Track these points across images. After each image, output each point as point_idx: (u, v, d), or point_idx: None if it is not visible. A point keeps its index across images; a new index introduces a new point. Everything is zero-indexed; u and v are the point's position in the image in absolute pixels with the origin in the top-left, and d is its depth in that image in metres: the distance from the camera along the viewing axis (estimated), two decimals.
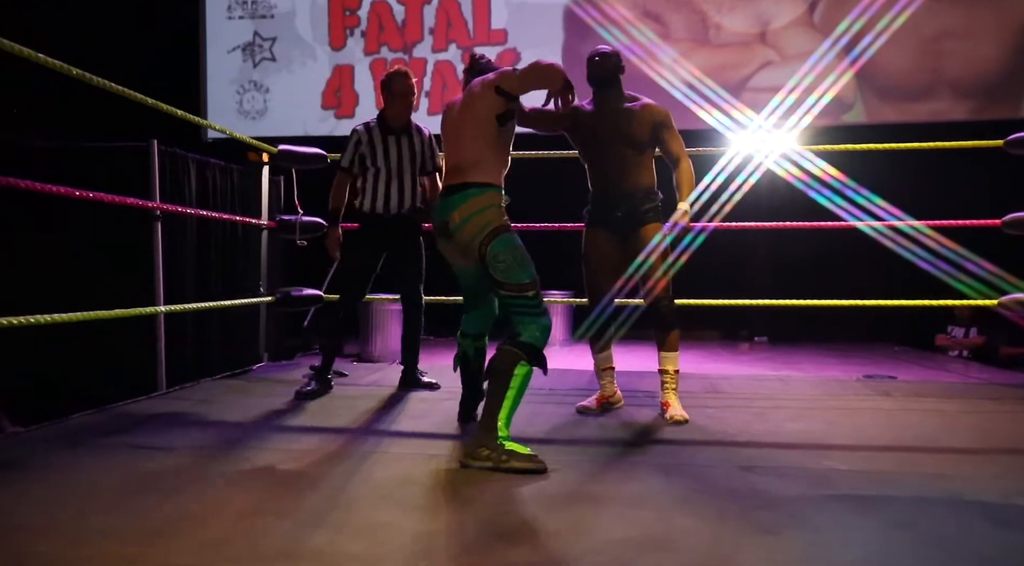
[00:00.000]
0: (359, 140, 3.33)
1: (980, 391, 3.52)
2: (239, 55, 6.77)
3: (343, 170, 3.37)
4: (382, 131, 3.33)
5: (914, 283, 4.48)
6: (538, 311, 2.26)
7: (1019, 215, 3.77)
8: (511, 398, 2.17)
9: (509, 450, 2.11)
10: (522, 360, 2.18)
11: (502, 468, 2.08)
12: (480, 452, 2.12)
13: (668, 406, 2.85)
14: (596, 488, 1.98)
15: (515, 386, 2.18)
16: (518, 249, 2.28)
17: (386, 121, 3.34)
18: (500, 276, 2.26)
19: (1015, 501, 1.87)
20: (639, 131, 2.87)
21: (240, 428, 2.67)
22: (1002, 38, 5.91)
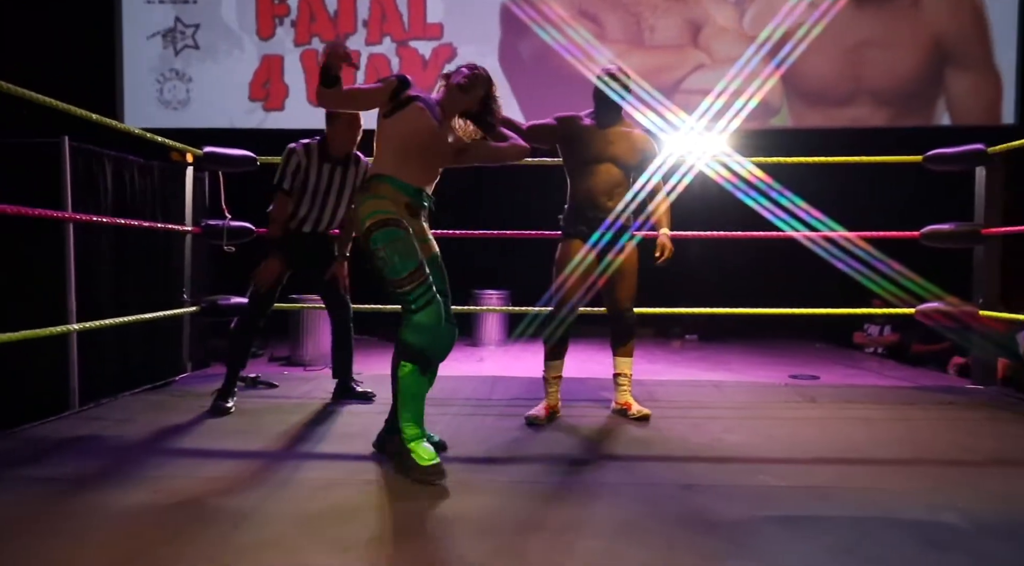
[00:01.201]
0: (298, 164, 3.17)
1: (900, 396, 3.68)
2: (159, 42, 6.40)
3: (285, 192, 3.17)
4: (320, 158, 3.20)
5: (835, 284, 4.67)
6: (412, 308, 2.24)
7: (937, 227, 3.96)
8: (403, 401, 2.23)
9: (411, 456, 2.18)
10: (404, 359, 2.22)
11: (400, 467, 2.22)
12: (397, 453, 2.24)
13: (630, 406, 3.04)
14: (540, 515, 1.95)
15: (402, 389, 2.23)
16: (398, 242, 2.24)
17: (327, 149, 3.21)
18: (383, 271, 2.26)
19: (943, 517, 1.94)
20: (632, 155, 3.04)
21: (156, 452, 2.53)
22: (918, 49, 6.20)
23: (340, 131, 3.18)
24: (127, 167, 3.70)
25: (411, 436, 2.21)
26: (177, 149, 3.91)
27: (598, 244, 3.00)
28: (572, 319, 3.05)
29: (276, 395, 3.55)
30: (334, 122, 3.19)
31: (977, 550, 1.74)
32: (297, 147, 3.20)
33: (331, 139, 3.21)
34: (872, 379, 4.57)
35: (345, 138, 3.20)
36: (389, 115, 2.39)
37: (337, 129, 3.18)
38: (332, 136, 3.20)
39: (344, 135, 3.19)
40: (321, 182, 3.21)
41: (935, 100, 6.22)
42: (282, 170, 3.18)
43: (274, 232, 3.18)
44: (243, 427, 2.87)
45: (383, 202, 2.29)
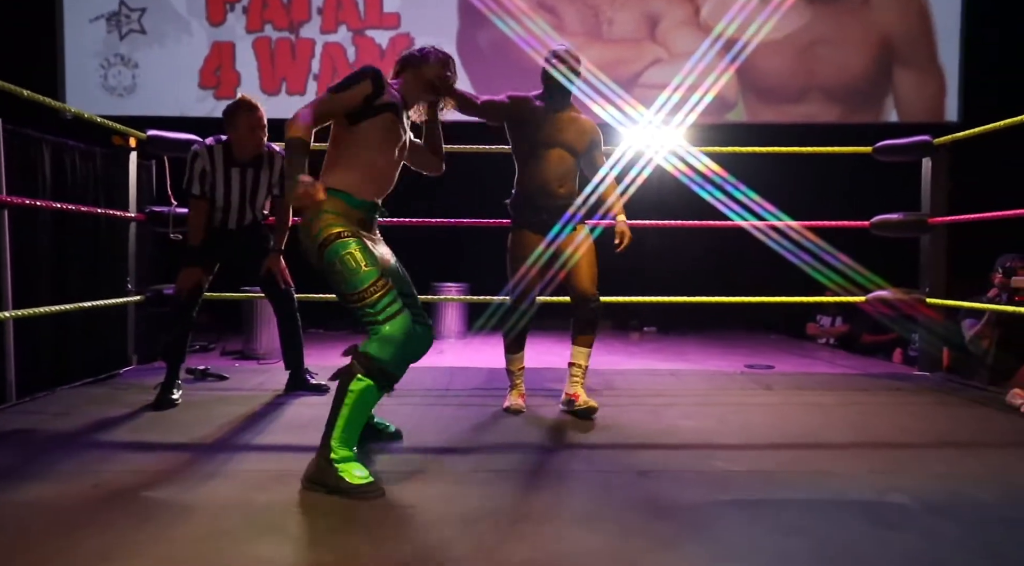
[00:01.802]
0: (203, 169, 3.03)
1: (851, 383, 3.76)
2: (103, 25, 6.17)
3: (197, 197, 3.04)
4: (226, 162, 3.06)
5: (788, 276, 4.75)
6: (379, 319, 2.04)
7: (885, 217, 4.05)
8: (344, 416, 2.00)
9: (340, 477, 1.95)
10: (359, 374, 2.01)
11: (333, 490, 1.95)
12: (316, 475, 1.98)
13: (578, 397, 2.92)
14: (497, 505, 1.92)
15: (348, 403, 2.00)
16: (354, 253, 2.06)
17: (232, 153, 3.07)
18: (340, 287, 2.07)
19: (889, 498, 1.97)
20: (581, 141, 2.96)
21: (96, 446, 2.43)
22: (867, 48, 6.35)
23: (243, 136, 3.03)
24: (67, 152, 3.55)
25: (342, 457, 1.98)
26: (119, 132, 3.76)
27: (556, 238, 2.92)
28: (532, 312, 2.99)
29: (226, 387, 3.45)
30: (235, 127, 3.02)
31: (924, 527, 1.77)
32: (199, 149, 3.05)
33: (234, 144, 3.06)
34: (824, 368, 4.67)
35: (249, 142, 3.05)
36: (356, 122, 2.14)
37: (240, 134, 3.03)
38: (235, 141, 3.05)
39: (247, 140, 3.04)
40: (232, 187, 3.09)
41: (884, 97, 6.38)
42: (189, 174, 3.03)
43: (193, 239, 3.04)
44: (189, 419, 2.77)
45: (334, 217, 2.10)
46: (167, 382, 3.05)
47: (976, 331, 3.82)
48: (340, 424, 2.01)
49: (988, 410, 3.11)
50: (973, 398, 3.36)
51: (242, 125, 3.01)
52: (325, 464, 1.98)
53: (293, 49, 6.24)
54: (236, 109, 3.03)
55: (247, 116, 3.02)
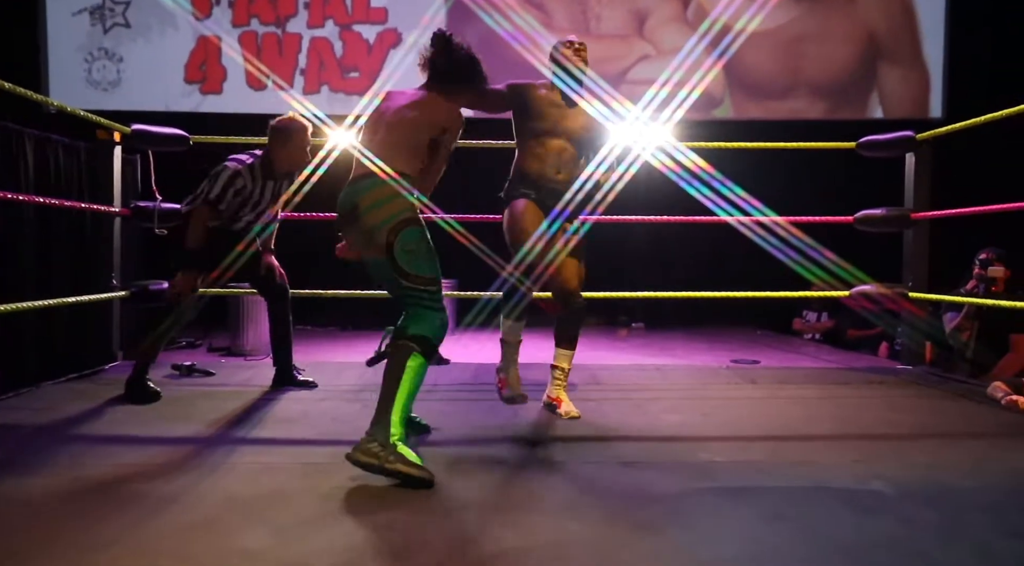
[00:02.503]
0: (243, 187, 3.05)
1: (835, 376, 3.80)
2: (86, 18, 6.11)
3: (211, 206, 3.02)
4: (264, 176, 3.12)
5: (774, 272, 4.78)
6: (438, 306, 2.18)
7: (869, 212, 4.09)
8: (405, 393, 2.06)
9: (399, 453, 1.98)
10: (415, 352, 2.08)
11: (387, 469, 1.95)
12: (370, 448, 1.97)
13: (560, 403, 2.83)
14: (484, 494, 1.93)
15: (408, 379, 2.06)
16: (425, 242, 2.19)
17: (272, 167, 3.13)
18: (406, 266, 2.15)
19: (870, 486, 2.00)
20: (587, 132, 2.88)
21: (80, 440, 2.42)
22: (852, 44, 6.39)
23: (293, 155, 3.12)
24: (51, 147, 3.52)
25: (399, 435, 2.02)
26: (103, 127, 3.73)
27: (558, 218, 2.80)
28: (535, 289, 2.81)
29: (213, 383, 3.44)
30: (286, 145, 3.10)
31: (903, 514, 1.80)
32: (243, 169, 3.05)
33: (279, 160, 3.13)
34: (809, 362, 4.71)
35: (296, 161, 3.15)
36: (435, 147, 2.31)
37: (290, 152, 3.11)
38: (281, 157, 3.12)
39: (297, 158, 3.14)
40: (264, 197, 3.17)
41: (869, 93, 6.43)
42: (223, 189, 3.01)
43: (195, 244, 3.01)
44: (175, 414, 2.77)
45: (409, 202, 2.21)
46: (141, 376, 3.02)
47: (955, 324, 3.87)
48: (401, 400, 2.04)
49: (969, 402, 3.15)
50: (954, 391, 3.40)
51: (296, 143, 3.10)
52: (384, 441, 1.98)
53: (280, 43, 6.21)
54: (295, 129, 3.11)
55: (304, 136, 3.12)
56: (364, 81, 6.19)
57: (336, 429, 2.58)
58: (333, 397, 3.14)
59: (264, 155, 3.13)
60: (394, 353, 2.10)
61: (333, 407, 2.95)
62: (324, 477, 2.03)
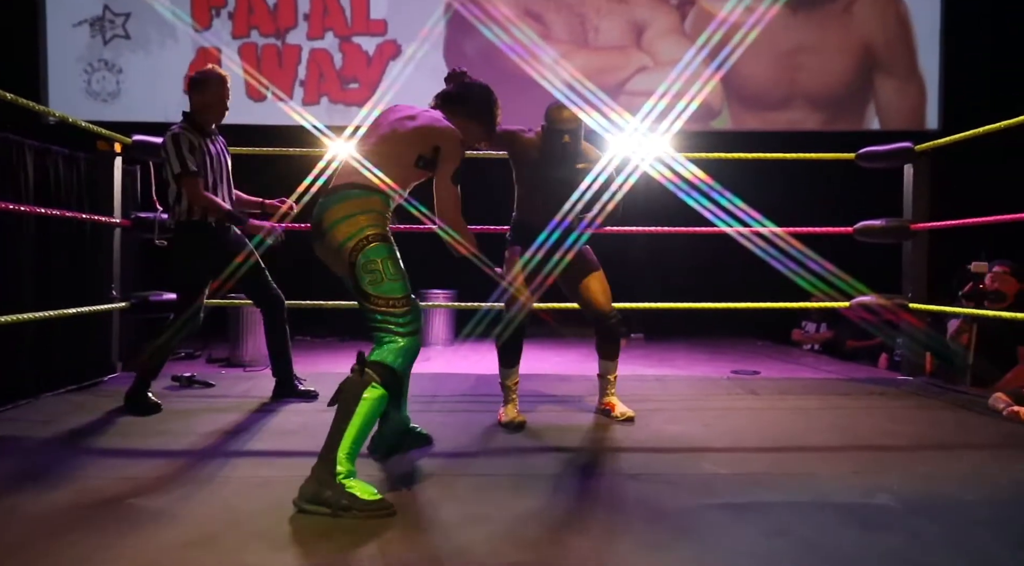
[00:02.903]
0: (191, 142, 3.02)
1: (835, 387, 3.80)
2: (86, 30, 6.14)
3: (195, 173, 3.00)
4: (198, 134, 3.09)
5: (773, 282, 4.79)
6: (404, 330, 2.04)
7: (869, 223, 4.10)
8: (356, 427, 1.90)
9: (350, 494, 1.82)
10: (374, 382, 1.95)
11: (340, 515, 1.80)
12: (318, 493, 1.83)
13: (613, 407, 2.99)
14: (486, 508, 1.92)
15: (362, 413, 1.91)
16: (392, 259, 2.08)
17: (197, 122, 3.10)
18: (368, 287, 2.04)
19: (873, 499, 2.00)
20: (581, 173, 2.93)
21: (79, 453, 2.40)
22: (848, 56, 6.43)
23: (211, 102, 3.09)
24: (51, 158, 3.52)
25: (348, 472, 1.87)
26: (104, 137, 3.74)
27: (544, 244, 2.90)
28: (522, 318, 2.93)
29: (212, 394, 3.43)
30: (204, 93, 3.07)
31: (908, 528, 1.79)
32: (178, 130, 3.04)
33: (200, 112, 3.10)
34: (809, 373, 4.71)
35: (215, 109, 3.11)
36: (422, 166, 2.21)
37: (207, 99, 3.08)
38: (201, 108, 3.09)
39: (215, 107, 3.10)
40: (212, 158, 3.11)
41: (865, 105, 6.47)
42: (179, 154, 2.98)
43: (217, 213, 3.02)
44: (175, 427, 2.75)
45: (378, 217, 2.10)
46: (142, 388, 3.01)
47: (956, 328, 3.85)
48: (350, 436, 1.90)
49: (970, 413, 3.15)
50: (955, 402, 3.40)
51: (213, 90, 3.08)
52: (328, 481, 1.84)
53: (279, 55, 6.23)
54: (210, 76, 3.10)
55: (220, 86, 3.10)
56: (363, 92, 6.21)
57: None
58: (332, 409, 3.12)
59: (186, 114, 3.12)
60: (351, 381, 1.95)
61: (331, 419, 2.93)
62: None
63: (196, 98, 3.10)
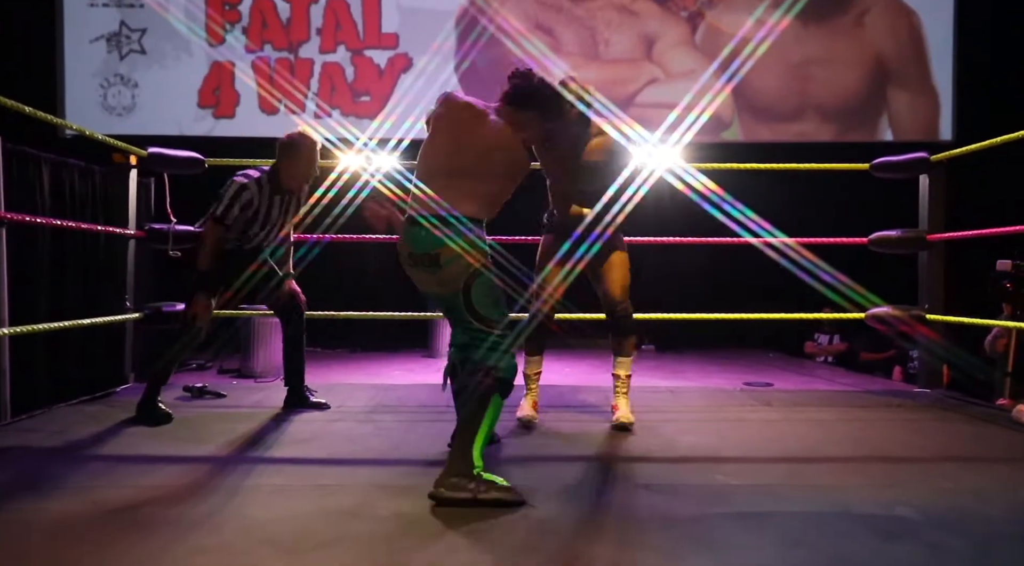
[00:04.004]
0: (250, 200, 3.06)
1: (851, 399, 3.75)
2: (103, 46, 6.22)
3: (221, 224, 3.03)
4: (272, 191, 3.13)
5: (786, 293, 4.75)
6: (504, 349, 2.14)
7: (884, 234, 4.07)
8: (485, 429, 2.05)
9: (488, 481, 1.99)
10: (497, 392, 2.08)
11: (480, 499, 1.94)
12: (457, 482, 1.97)
13: (616, 409, 2.96)
14: (497, 515, 1.90)
15: (490, 416, 2.07)
16: (497, 287, 2.20)
17: (279, 182, 3.14)
18: (486, 310, 2.14)
19: (896, 512, 1.96)
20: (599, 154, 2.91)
21: (94, 462, 2.41)
22: (860, 67, 6.41)
23: (300, 169, 3.13)
24: (67, 171, 3.55)
25: (480, 467, 2.02)
26: (120, 150, 3.77)
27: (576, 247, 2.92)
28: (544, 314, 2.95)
29: (225, 404, 3.43)
30: (294, 158, 3.11)
31: (931, 541, 1.76)
32: (249, 183, 3.06)
33: (286, 175, 3.14)
34: (824, 385, 4.66)
35: (303, 175, 3.17)
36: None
37: (297, 166, 3.12)
38: (289, 172, 3.13)
39: (303, 172, 3.15)
40: (272, 213, 3.16)
41: (878, 116, 6.44)
42: (229, 203, 3.02)
43: (205, 264, 3.01)
44: (188, 436, 2.75)
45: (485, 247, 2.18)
46: (152, 397, 3.02)
47: (994, 333, 3.74)
48: (482, 435, 2.04)
49: (991, 426, 3.10)
50: (974, 414, 3.35)
51: (305, 157, 3.11)
52: (468, 474, 1.98)
53: (292, 68, 6.29)
54: (304, 143, 3.12)
55: (312, 151, 3.13)
56: (375, 105, 6.25)
57: (349, 449, 2.56)
58: (346, 418, 3.12)
59: (272, 170, 3.15)
60: (483, 385, 2.07)
61: (346, 428, 2.93)
62: (337, 498, 2.01)
63: (285, 162, 3.12)
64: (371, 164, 4.15)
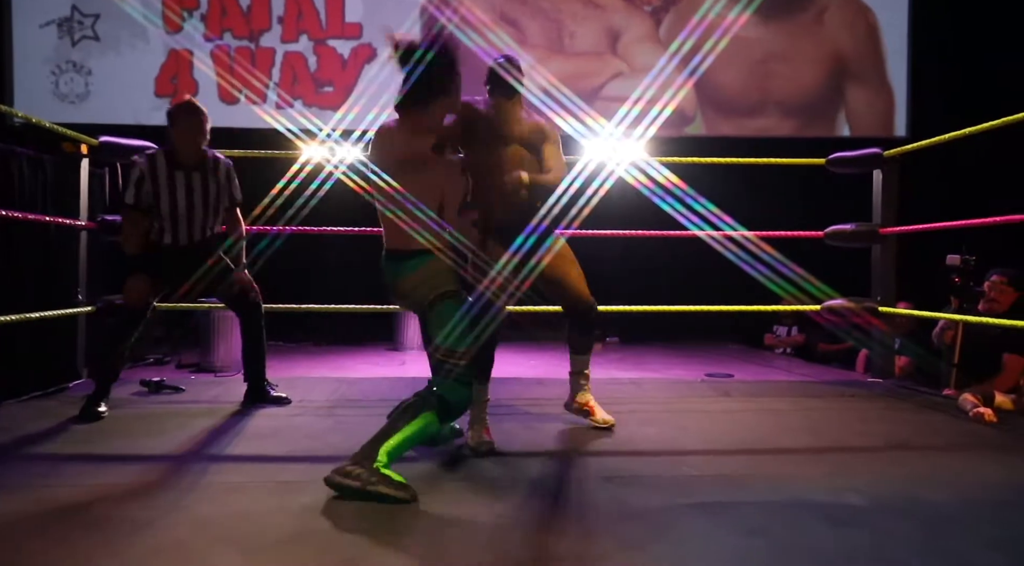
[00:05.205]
0: (141, 176, 3.01)
1: (807, 389, 3.84)
2: (54, 31, 6.02)
3: (131, 207, 3.01)
4: (170, 166, 3.05)
5: (746, 286, 4.83)
6: (466, 379, 2.19)
7: (839, 227, 4.17)
8: (405, 434, 2.04)
9: (382, 474, 1.95)
10: (432, 410, 2.09)
11: (367, 491, 1.92)
12: (350, 470, 1.95)
13: (594, 412, 2.85)
14: (461, 512, 1.91)
15: (414, 427, 2.05)
16: (464, 318, 2.20)
17: (176, 156, 3.07)
18: (445, 340, 2.16)
19: (846, 499, 2.02)
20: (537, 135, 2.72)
21: (44, 460, 2.35)
22: (819, 64, 6.54)
23: (187, 139, 3.06)
24: (15, 160, 3.43)
25: (384, 463, 1.99)
26: (70, 139, 3.66)
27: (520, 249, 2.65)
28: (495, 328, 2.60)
29: (182, 400, 3.36)
30: (177, 129, 3.05)
31: (879, 527, 1.81)
32: (138, 160, 3.04)
33: (178, 148, 3.08)
34: (782, 375, 4.76)
35: (191, 145, 3.08)
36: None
37: (183, 136, 3.05)
38: (178, 144, 3.07)
39: (190, 142, 3.07)
40: (178, 191, 3.06)
41: (836, 112, 6.58)
42: (125, 184, 3.00)
43: (129, 250, 3.00)
44: (143, 432, 2.69)
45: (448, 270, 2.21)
46: (95, 395, 2.96)
47: (941, 325, 3.85)
48: (398, 439, 2.02)
49: (939, 414, 3.20)
50: (923, 403, 3.45)
51: (186, 127, 3.04)
52: (365, 464, 1.96)
53: (253, 58, 6.17)
54: (176, 111, 3.06)
55: (189, 119, 3.04)
56: (339, 96, 6.17)
57: (309, 446, 2.54)
58: (306, 413, 3.09)
59: (167, 144, 3.10)
60: (415, 400, 2.11)
61: (306, 423, 2.90)
62: (296, 496, 1.99)
63: (172, 134, 3.08)
64: (334, 156, 4.10)
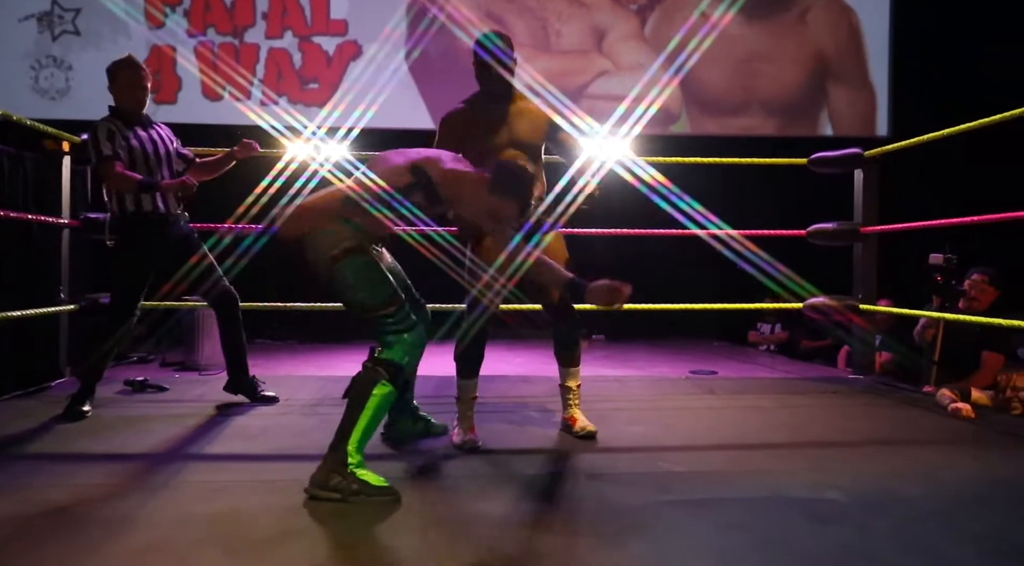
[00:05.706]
0: (111, 130, 2.99)
1: (790, 386, 3.89)
2: (34, 25, 5.94)
3: (112, 157, 2.96)
4: (123, 125, 3.05)
5: (730, 284, 4.88)
6: (402, 326, 2.11)
7: (821, 226, 4.21)
8: (366, 420, 2.01)
9: (361, 480, 1.94)
10: (382, 380, 2.05)
11: (350, 502, 1.92)
12: (329, 481, 1.94)
13: (575, 421, 2.73)
14: (446, 509, 1.92)
15: (371, 407, 2.02)
16: (368, 270, 2.11)
17: (123, 115, 3.07)
18: (357, 298, 2.11)
19: (825, 494, 2.05)
20: (535, 132, 2.69)
21: (26, 459, 2.34)
22: (802, 63, 6.60)
23: (127, 93, 3.05)
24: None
25: (358, 463, 1.97)
26: (52, 136, 3.63)
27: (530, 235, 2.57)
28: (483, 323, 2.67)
29: (167, 399, 3.35)
30: (115, 85, 3.05)
31: (858, 522, 1.85)
32: (102, 120, 3.03)
33: (119, 102, 3.07)
34: (765, 373, 4.80)
35: (133, 98, 3.07)
36: None
37: (123, 91, 3.05)
38: (120, 100, 3.07)
39: (131, 95, 3.06)
40: (144, 147, 3.06)
41: (819, 112, 6.64)
42: (96, 140, 2.96)
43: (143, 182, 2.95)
44: (127, 432, 2.68)
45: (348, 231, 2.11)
46: (79, 394, 2.95)
47: (923, 323, 3.90)
48: (360, 429, 2.01)
49: (918, 410, 3.25)
50: (903, 400, 3.51)
51: (122, 81, 3.03)
52: (340, 470, 1.95)
53: (237, 54, 6.13)
54: (117, 66, 3.06)
55: (128, 71, 3.04)
56: (324, 93, 6.14)
57: (296, 444, 2.54)
58: (292, 412, 3.09)
59: (111, 107, 3.10)
60: (360, 379, 2.06)
61: (292, 422, 2.90)
62: (282, 495, 1.99)
63: (111, 88, 3.08)
64: (320, 153, 4.08)
